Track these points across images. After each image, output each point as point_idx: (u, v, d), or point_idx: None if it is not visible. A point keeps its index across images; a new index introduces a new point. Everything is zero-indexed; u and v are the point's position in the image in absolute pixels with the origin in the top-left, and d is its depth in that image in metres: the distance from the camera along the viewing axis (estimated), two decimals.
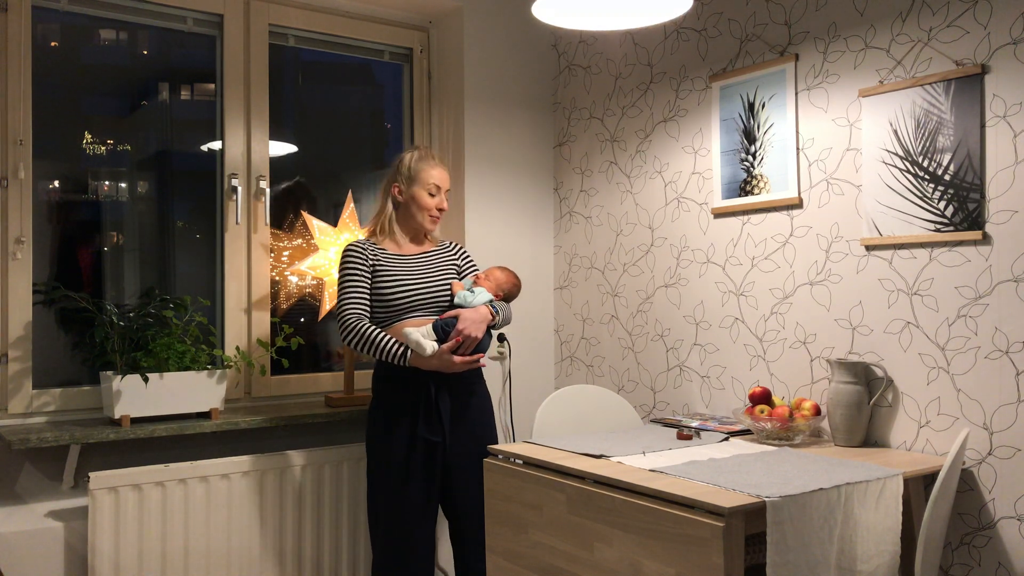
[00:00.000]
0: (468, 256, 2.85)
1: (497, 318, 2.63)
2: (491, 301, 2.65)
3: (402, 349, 2.53)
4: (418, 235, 2.77)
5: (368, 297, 2.63)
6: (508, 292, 2.79)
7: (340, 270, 2.66)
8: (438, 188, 2.71)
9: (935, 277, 2.32)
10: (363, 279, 2.62)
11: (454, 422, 2.62)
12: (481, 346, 2.58)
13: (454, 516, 2.69)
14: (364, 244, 2.68)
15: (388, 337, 2.54)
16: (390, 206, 2.74)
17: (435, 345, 2.51)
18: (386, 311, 2.62)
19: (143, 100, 3.16)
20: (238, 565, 2.76)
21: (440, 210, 2.72)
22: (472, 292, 2.64)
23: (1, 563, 2.55)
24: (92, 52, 3.06)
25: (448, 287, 2.68)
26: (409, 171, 2.71)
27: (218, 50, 3.10)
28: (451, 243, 2.85)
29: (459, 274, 2.77)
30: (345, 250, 2.68)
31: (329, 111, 3.60)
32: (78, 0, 2.86)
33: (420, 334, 2.52)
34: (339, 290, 2.64)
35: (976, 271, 2.24)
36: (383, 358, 2.55)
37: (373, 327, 2.57)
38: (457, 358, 2.52)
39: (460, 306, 2.61)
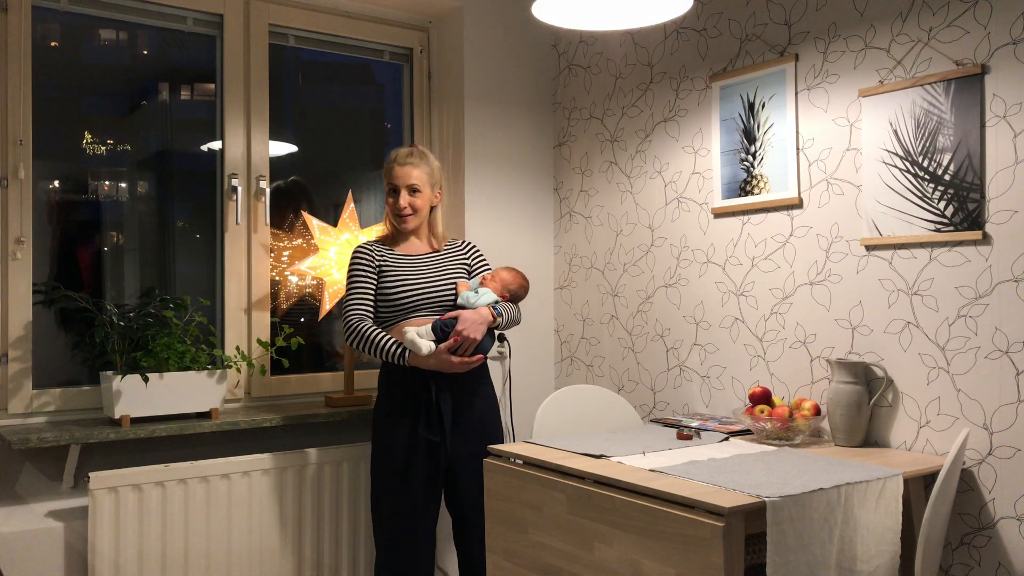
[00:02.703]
0: (480, 256, 2.82)
1: (499, 320, 2.61)
2: (496, 303, 2.64)
3: (401, 349, 2.53)
4: (419, 235, 2.76)
5: (372, 298, 2.64)
6: (515, 293, 2.76)
7: (348, 272, 2.68)
8: (395, 188, 2.66)
9: (935, 277, 2.32)
10: (368, 280, 2.64)
11: (456, 422, 2.62)
12: (481, 347, 2.57)
13: (459, 516, 2.69)
14: (371, 245, 2.70)
15: (387, 337, 2.56)
16: (387, 210, 2.76)
17: (432, 345, 2.50)
18: (390, 311, 2.63)
19: (143, 100, 3.16)
20: (238, 565, 2.76)
21: (403, 207, 2.65)
22: (476, 293, 2.63)
23: (1, 563, 2.55)
24: (92, 52, 3.06)
25: (453, 287, 2.67)
26: (383, 176, 2.73)
27: (218, 50, 3.10)
28: (463, 242, 2.83)
29: (469, 274, 2.75)
30: (353, 252, 2.70)
31: (329, 111, 3.60)
32: (78, 0, 2.86)
33: (416, 333, 2.51)
34: (346, 291, 2.67)
35: (976, 271, 2.24)
36: (383, 358, 2.56)
37: (374, 328, 2.58)
38: (455, 359, 2.52)
39: (463, 307, 2.60)
